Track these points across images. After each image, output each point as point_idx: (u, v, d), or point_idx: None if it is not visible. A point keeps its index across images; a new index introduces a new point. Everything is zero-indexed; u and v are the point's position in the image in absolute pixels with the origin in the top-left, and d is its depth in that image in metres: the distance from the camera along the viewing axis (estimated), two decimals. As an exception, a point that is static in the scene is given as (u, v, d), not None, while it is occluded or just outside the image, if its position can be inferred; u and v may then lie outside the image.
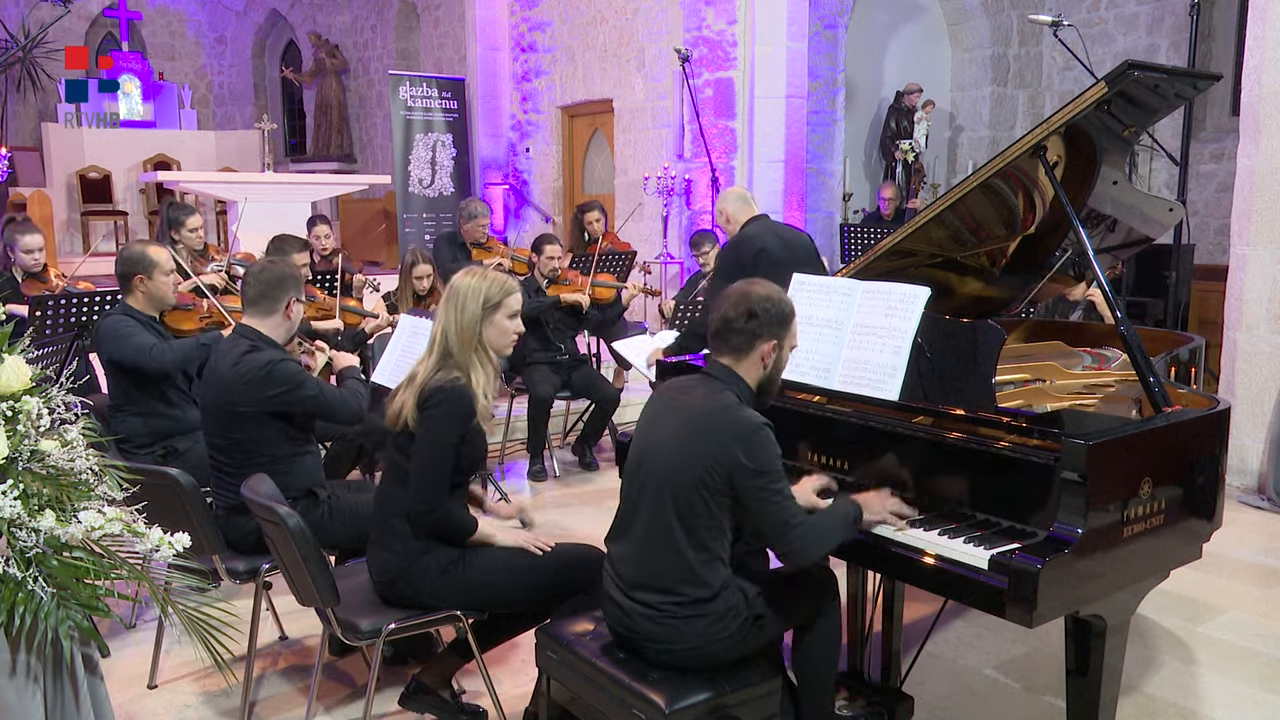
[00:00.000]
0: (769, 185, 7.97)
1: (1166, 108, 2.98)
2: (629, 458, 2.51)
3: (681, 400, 2.43)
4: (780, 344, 2.43)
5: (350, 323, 5.30)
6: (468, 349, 2.72)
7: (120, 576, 2.05)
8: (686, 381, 2.51)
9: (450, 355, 2.72)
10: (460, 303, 2.73)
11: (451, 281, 2.80)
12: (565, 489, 5.54)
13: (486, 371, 2.75)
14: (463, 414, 2.68)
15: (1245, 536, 4.66)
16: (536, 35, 10.29)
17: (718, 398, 2.37)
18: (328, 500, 3.24)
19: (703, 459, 2.29)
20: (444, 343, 2.73)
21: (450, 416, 2.66)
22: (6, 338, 2.08)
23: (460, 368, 2.71)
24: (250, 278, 3.24)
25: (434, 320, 2.81)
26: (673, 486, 2.32)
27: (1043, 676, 3.32)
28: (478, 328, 2.73)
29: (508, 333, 2.79)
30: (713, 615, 2.34)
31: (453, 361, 2.71)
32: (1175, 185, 6.29)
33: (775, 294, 2.42)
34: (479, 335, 2.73)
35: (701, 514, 2.31)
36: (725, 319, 2.41)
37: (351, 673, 3.38)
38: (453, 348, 2.72)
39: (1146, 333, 3.46)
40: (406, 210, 10.27)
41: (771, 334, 2.40)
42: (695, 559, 2.32)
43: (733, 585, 2.39)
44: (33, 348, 2.37)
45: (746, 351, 2.41)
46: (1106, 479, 2.22)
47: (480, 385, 2.72)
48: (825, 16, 9.00)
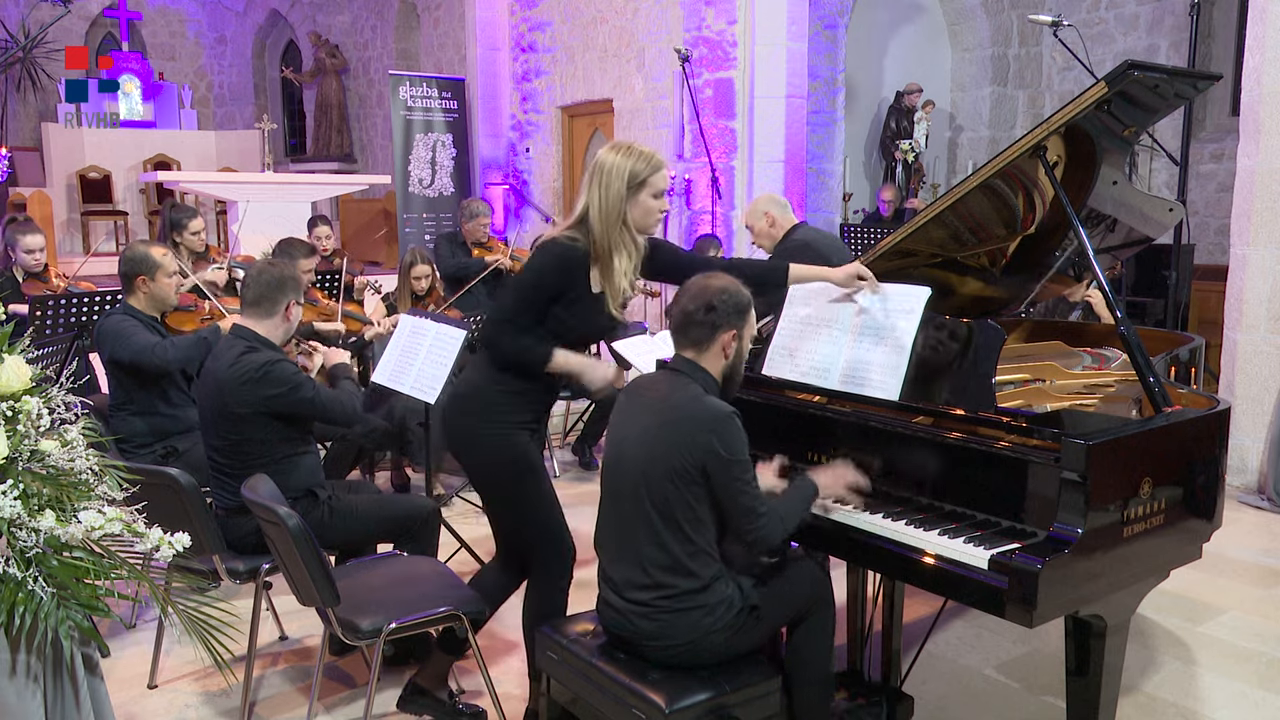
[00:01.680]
0: (769, 185, 7.96)
1: (1166, 108, 2.98)
2: (604, 460, 2.55)
3: (648, 396, 2.47)
4: (740, 334, 2.47)
5: (351, 328, 5.31)
6: (612, 229, 2.69)
7: (120, 576, 2.05)
8: (651, 378, 2.57)
9: (590, 231, 2.70)
10: (605, 180, 2.68)
11: (598, 157, 2.74)
12: (565, 489, 5.51)
13: (630, 252, 2.73)
14: (564, 267, 2.68)
15: (1245, 536, 4.66)
16: (536, 35, 10.29)
17: (684, 390, 2.41)
18: (328, 500, 3.24)
19: (675, 450, 2.32)
20: (584, 219, 2.71)
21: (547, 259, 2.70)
22: (6, 338, 2.08)
23: (599, 247, 2.69)
24: (250, 279, 3.24)
25: (431, 318, 2.82)
26: (648, 481, 2.36)
27: (1043, 676, 3.32)
28: (623, 206, 2.69)
29: (653, 211, 2.75)
30: (706, 606, 2.36)
31: (592, 236, 2.70)
32: (1175, 185, 6.29)
33: (732, 285, 2.47)
34: (624, 215, 2.69)
35: (679, 506, 2.34)
36: (685, 313, 2.45)
37: (351, 673, 3.38)
38: (594, 226, 2.69)
39: (1146, 333, 3.46)
40: (406, 210, 10.27)
41: (730, 324, 2.44)
42: (681, 551, 2.35)
43: (725, 577, 2.41)
44: (33, 348, 2.37)
45: (708, 344, 2.45)
46: (1106, 479, 2.22)
47: (622, 267, 2.71)
48: (825, 16, 9.00)
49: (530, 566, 2.88)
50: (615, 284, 2.72)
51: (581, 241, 2.69)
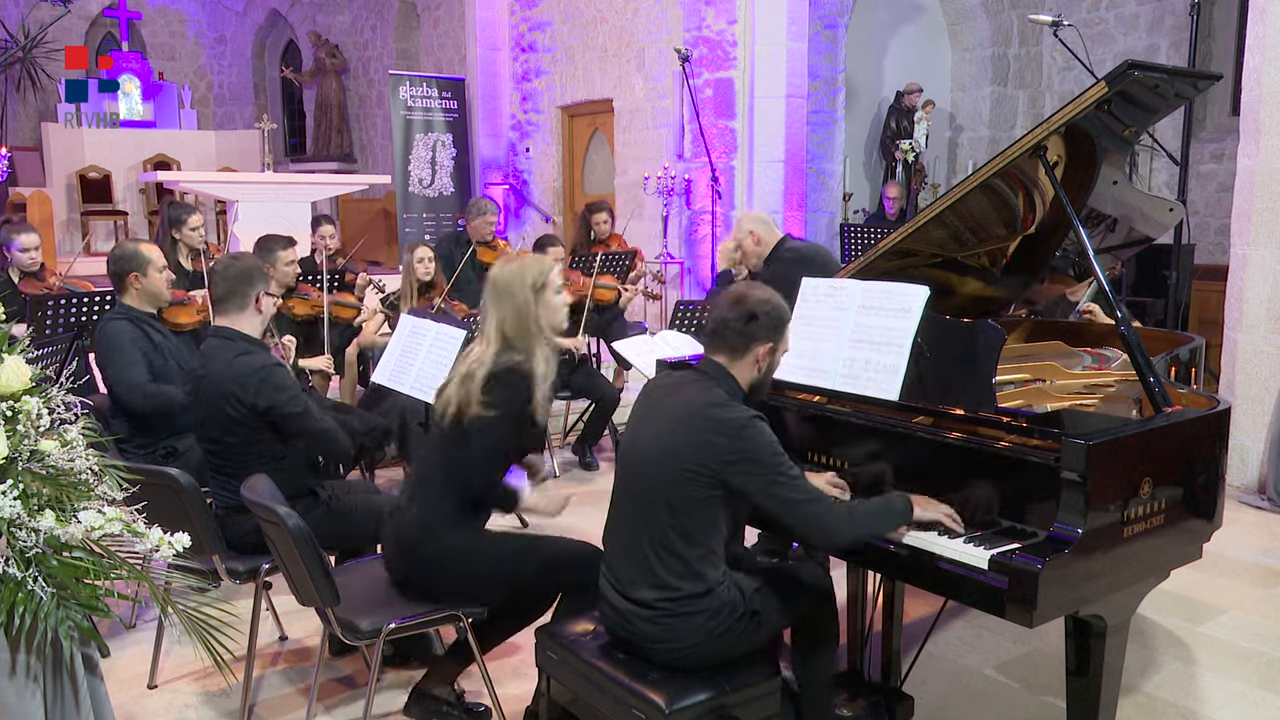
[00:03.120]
0: (769, 185, 7.97)
1: (1166, 108, 2.98)
2: (619, 458, 2.54)
3: (672, 399, 2.46)
4: (775, 347, 2.47)
5: (343, 316, 5.28)
6: (528, 335, 2.75)
7: (120, 576, 2.05)
8: (677, 379, 2.54)
9: (512, 346, 2.74)
10: (507, 291, 2.76)
11: (490, 275, 2.83)
12: (565, 489, 5.51)
13: (547, 355, 2.78)
14: (528, 394, 2.72)
15: (1245, 536, 4.66)
16: (536, 35, 10.29)
17: (707, 394, 2.40)
18: (328, 500, 3.24)
19: (692, 453, 2.31)
20: (502, 335, 2.75)
21: (520, 394, 2.70)
22: (6, 338, 2.08)
23: (524, 351, 2.74)
24: (216, 276, 3.21)
25: (430, 318, 2.82)
26: (663, 483, 2.34)
27: (1043, 676, 3.32)
28: (533, 310, 2.75)
29: (558, 309, 2.83)
30: (709, 611, 2.35)
31: (516, 347, 2.74)
32: (1175, 185, 6.29)
33: (774, 299, 2.46)
34: (535, 319, 2.76)
35: (693, 509, 2.32)
36: (723, 319, 2.44)
37: (351, 673, 3.38)
38: (513, 340, 2.75)
39: (1146, 333, 3.46)
40: (406, 210, 10.27)
41: (768, 337, 2.43)
42: (689, 554, 2.34)
43: (728, 581, 2.40)
44: (33, 348, 2.37)
45: (742, 352, 2.44)
46: (1106, 479, 2.22)
47: (541, 370, 2.75)
48: (825, 16, 9.00)
49: (567, 591, 2.89)
50: (540, 393, 2.74)
51: (521, 357, 2.72)
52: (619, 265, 6.37)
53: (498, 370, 2.71)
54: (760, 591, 2.45)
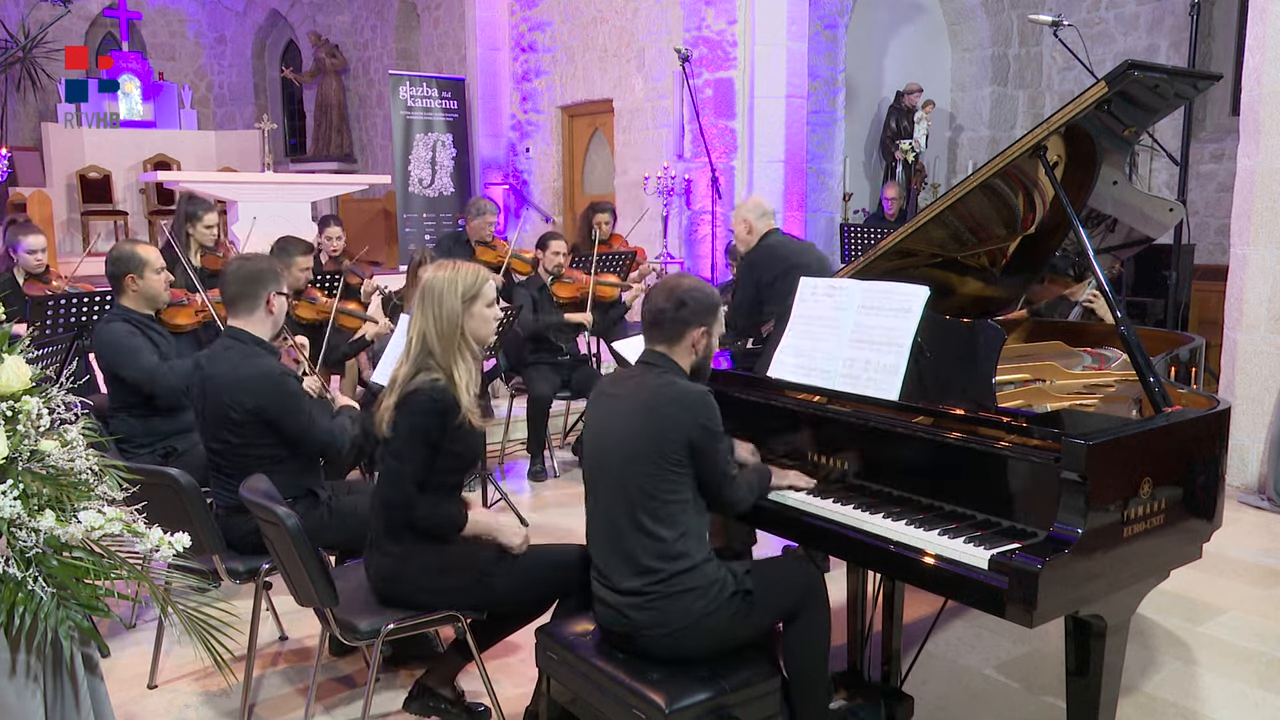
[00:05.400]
0: (769, 185, 7.97)
1: (1166, 108, 2.98)
2: (584, 461, 2.61)
3: (624, 388, 2.55)
4: (709, 330, 2.59)
5: (349, 326, 5.27)
6: (450, 346, 2.68)
7: (120, 576, 2.05)
8: (623, 374, 2.65)
9: (431, 355, 2.67)
10: (437, 298, 2.68)
11: (424, 280, 2.75)
12: (565, 489, 5.55)
13: (469, 365, 2.72)
14: (440, 412, 2.64)
15: (1245, 536, 4.66)
16: (536, 35, 10.29)
17: (660, 378, 2.51)
18: (327, 500, 3.24)
19: (663, 432, 2.40)
20: (423, 344, 2.68)
21: (428, 417, 2.63)
22: (6, 338, 2.08)
23: (441, 367, 2.67)
24: (228, 277, 3.20)
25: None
26: (631, 469, 2.42)
27: (1043, 676, 3.32)
28: (459, 321, 2.69)
29: (489, 321, 2.77)
30: (698, 589, 2.40)
31: (433, 361, 2.67)
32: (1175, 185, 6.29)
33: (701, 286, 2.60)
34: (461, 329, 2.69)
35: (664, 489, 2.40)
36: (658, 310, 2.56)
37: (351, 673, 3.38)
38: (433, 347, 2.67)
39: (1146, 333, 3.46)
40: (406, 210, 10.27)
41: (700, 321, 2.56)
42: (669, 535, 2.41)
43: (715, 560, 2.47)
44: (33, 348, 2.37)
45: (679, 339, 2.56)
46: (1106, 479, 2.22)
47: (464, 382, 2.68)
48: (825, 16, 9.00)
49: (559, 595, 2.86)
50: (465, 399, 2.68)
51: (439, 375, 2.66)
52: (619, 264, 6.38)
53: (407, 395, 2.65)
54: (751, 574, 2.51)
